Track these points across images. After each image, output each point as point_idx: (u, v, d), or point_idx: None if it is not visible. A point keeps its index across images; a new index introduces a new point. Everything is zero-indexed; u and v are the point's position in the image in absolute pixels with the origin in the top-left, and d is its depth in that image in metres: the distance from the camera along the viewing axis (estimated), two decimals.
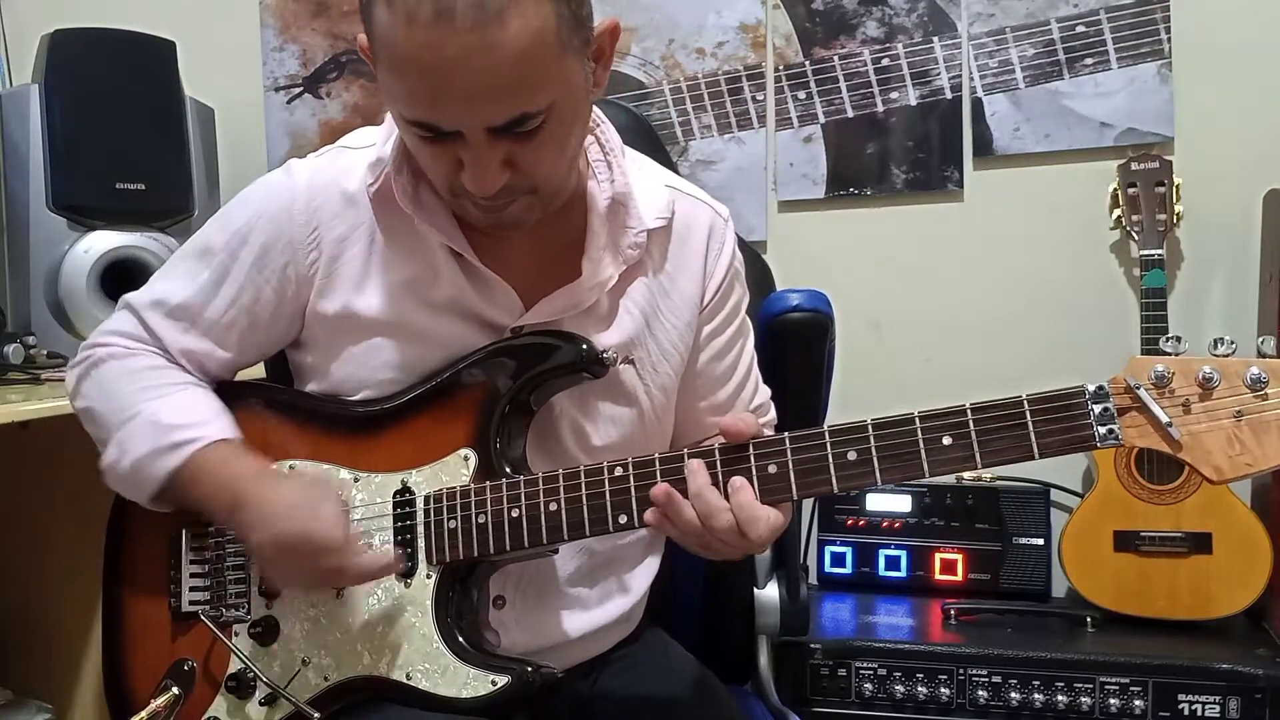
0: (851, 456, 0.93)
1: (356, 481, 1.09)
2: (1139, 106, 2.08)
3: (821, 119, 2.24)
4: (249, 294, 1.11)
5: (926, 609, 2.01)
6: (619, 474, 0.99)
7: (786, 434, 0.96)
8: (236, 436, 1.11)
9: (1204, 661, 1.75)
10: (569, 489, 1.01)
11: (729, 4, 2.25)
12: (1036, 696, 1.79)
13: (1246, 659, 1.76)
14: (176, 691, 1.10)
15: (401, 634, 1.04)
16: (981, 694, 1.80)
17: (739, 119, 2.27)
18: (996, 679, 1.80)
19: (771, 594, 1.42)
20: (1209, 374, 0.86)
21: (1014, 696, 1.79)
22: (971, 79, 2.16)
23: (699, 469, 0.96)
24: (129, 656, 1.17)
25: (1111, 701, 1.76)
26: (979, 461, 0.90)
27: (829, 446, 0.94)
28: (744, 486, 0.95)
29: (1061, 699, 1.78)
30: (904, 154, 2.21)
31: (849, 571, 2.11)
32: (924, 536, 2.08)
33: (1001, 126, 2.15)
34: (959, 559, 2.06)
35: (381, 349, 1.10)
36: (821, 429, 0.95)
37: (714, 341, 1.18)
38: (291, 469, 1.12)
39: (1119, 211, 2.02)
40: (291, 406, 1.15)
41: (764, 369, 1.25)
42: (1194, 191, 2.01)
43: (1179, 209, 1.99)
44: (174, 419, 1.09)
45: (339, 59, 2.46)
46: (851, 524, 2.12)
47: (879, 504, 2.11)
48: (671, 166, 1.27)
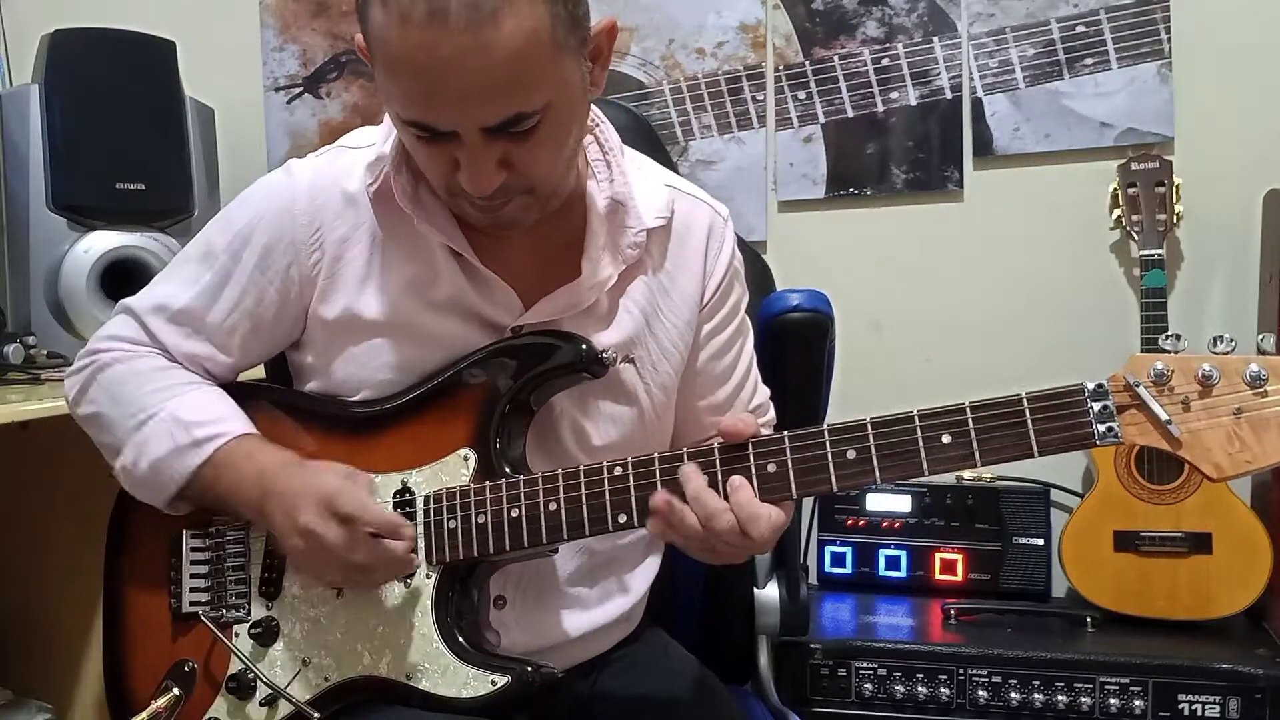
0: (851, 455, 0.93)
1: None
2: (1139, 106, 2.08)
3: (821, 119, 2.24)
4: (252, 296, 1.11)
5: (926, 609, 2.01)
6: (618, 473, 0.99)
7: (786, 433, 0.96)
8: (256, 431, 1.11)
9: (1204, 661, 1.75)
10: (568, 489, 1.01)
11: (729, 4, 2.25)
12: (1036, 696, 1.79)
13: (1246, 659, 1.76)
14: (177, 692, 1.10)
15: (401, 634, 1.04)
16: (981, 694, 1.80)
17: (739, 119, 2.27)
18: (996, 679, 1.80)
19: (771, 594, 1.42)
20: (1208, 371, 0.85)
21: (1014, 696, 1.79)
22: (971, 79, 2.16)
23: (694, 473, 0.96)
24: (130, 657, 1.17)
25: (1111, 701, 1.76)
26: (978, 460, 0.90)
27: (828, 445, 0.94)
28: (743, 485, 0.95)
29: (1061, 699, 1.78)
30: (904, 154, 2.21)
31: (849, 571, 2.11)
32: (924, 536, 2.08)
33: (1001, 126, 2.15)
34: (959, 559, 2.06)
35: (382, 349, 1.10)
36: (821, 428, 0.94)
37: (713, 340, 1.18)
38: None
39: (1119, 211, 2.02)
40: (291, 407, 1.15)
41: (764, 369, 1.25)
42: (1194, 191, 2.01)
43: (1179, 209, 1.99)
44: (194, 416, 1.09)
45: (339, 59, 2.46)
46: (851, 524, 2.12)
47: (879, 504, 2.11)
48: (671, 166, 1.27)
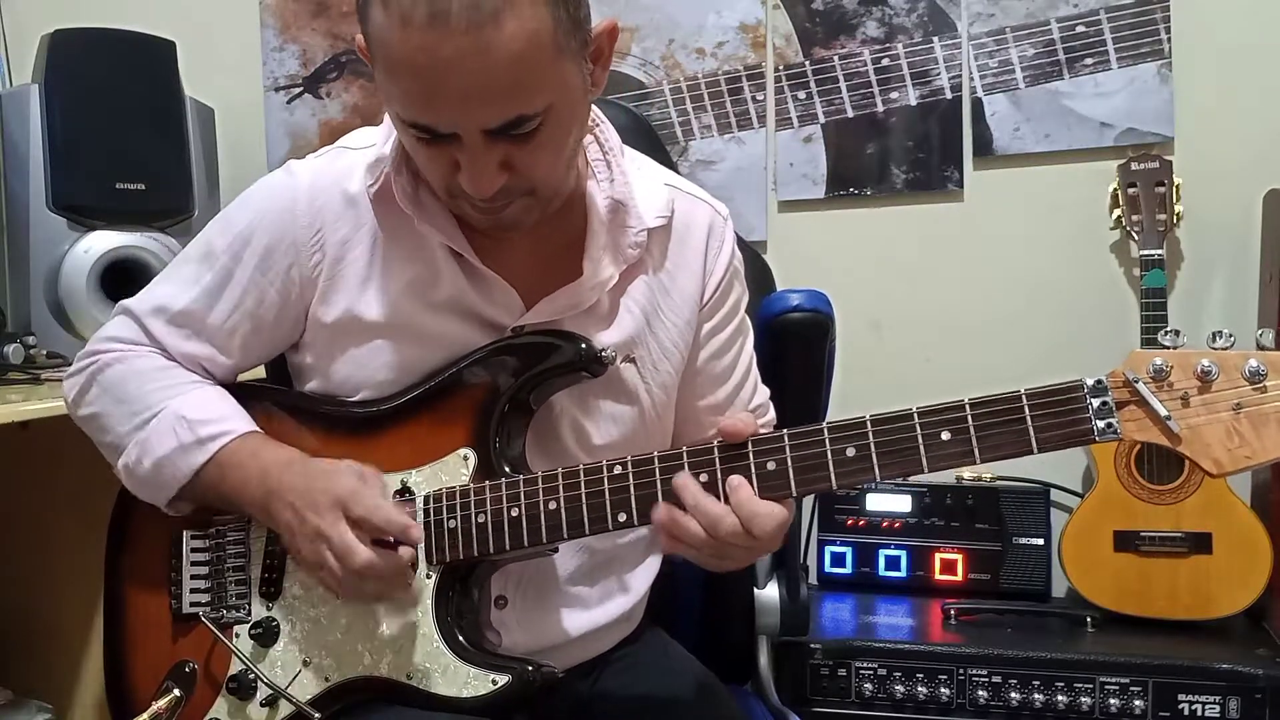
0: (850, 453, 0.93)
1: None
2: (1139, 106, 2.08)
3: (821, 119, 2.24)
4: (252, 297, 1.11)
5: (926, 609, 2.01)
6: (618, 473, 0.99)
7: (785, 431, 0.96)
8: (259, 429, 1.11)
9: (1204, 661, 1.75)
10: (568, 488, 1.01)
11: (729, 4, 2.25)
12: (1036, 696, 1.78)
13: (1246, 659, 1.76)
14: (178, 693, 1.10)
15: (402, 634, 1.04)
16: (981, 694, 1.80)
17: (739, 119, 2.27)
18: (996, 679, 1.80)
19: (771, 594, 1.42)
20: (1207, 367, 0.85)
21: (1014, 696, 1.79)
22: (971, 79, 2.16)
23: (687, 483, 0.96)
24: (130, 657, 1.17)
25: (1111, 701, 1.76)
26: (978, 456, 0.90)
27: (828, 443, 0.94)
28: (741, 484, 0.95)
29: (1061, 699, 1.78)
30: (904, 154, 2.21)
31: (849, 571, 2.11)
32: (924, 536, 2.08)
33: (1001, 126, 2.15)
34: (959, 559, 2.06)
35: (383, 350, 1.10)
36: (820, 425, 0.94)
37: (713, 339, 1.18)
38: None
39: (1119, 211, 2.02)
40: (291, 407, 1.15)
41: (764, 369, 1.25)
42: (1194, 191, 2.01)
43: (1179, 209, 1.99)
44: (198, 415, 1.09)
45: (339, 59, 2.46)
46: (851, 524, 2.12)
47: (879, 504, 2.11)
48: (671, 166, 1.27)
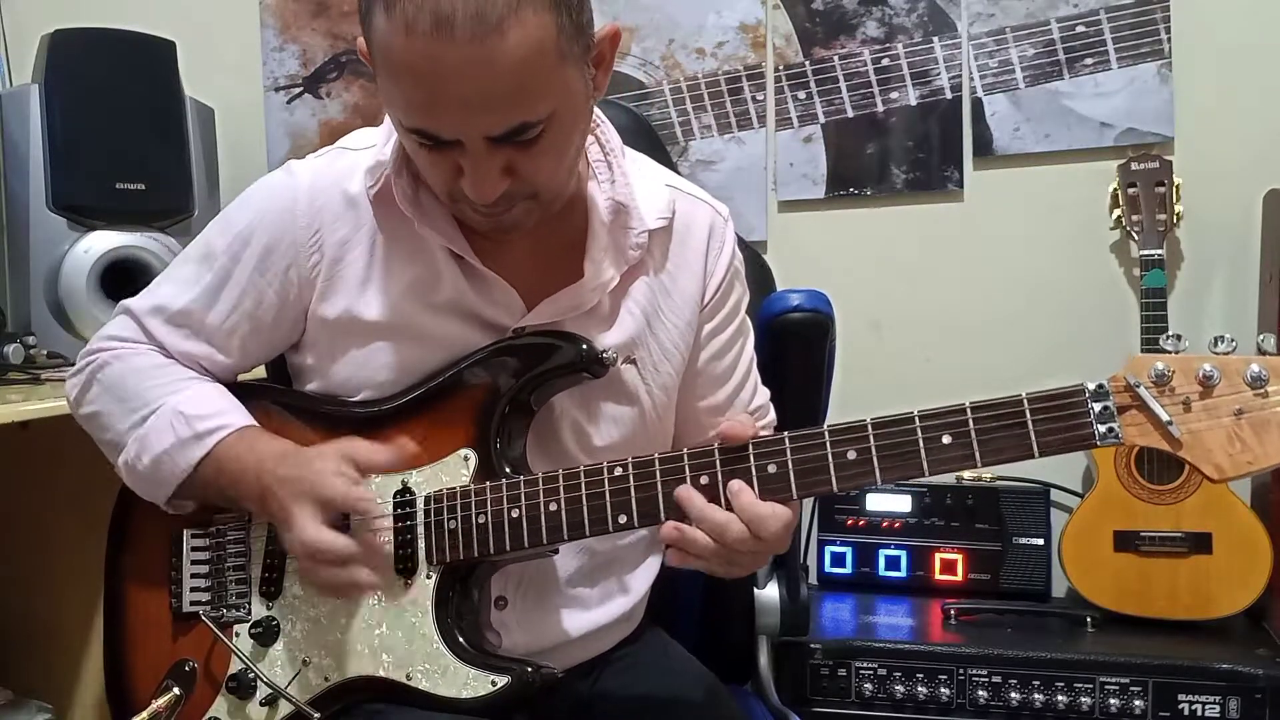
0: (851, 456, 0.93)
1: None
2: (1139, 106, 2.08)
3: (821, 119, 2.24)
4: (251, 297, 1.11)
5: (926, 609, 2.01)
6: (619, 474, 0.99)
7: (786, 433, 0.96)
8: (257, 424, 1.11)
9: (1204, 661, 1.75)
10: (569, 489, 1.01)
11: (729, 4, 2.25)
12: (1036, 696, 1.79)
13: (1246, 659, 1.76)
14: (177, 692, 1.10)
15: (402, 634, 1.04)
16: (981, 694, 1.80)
17: (739, 119, 2.27)
18: (996, 679, 1.80)
19: (771, 594, 1.42)
20: (1209, 372, 0.85)
21: (1014, 696, 1.79)
22: (971, 79, 2.16)
23: (690, 494, 0.96)
24: (130, 656, 1.17)
25: (1111, 701, 1.76)
26: (979, 460, 0.90)
27: (829, 446, 0.94)
28: (742, 489, 0.95)
29: (1061, 699, 1.78)
30: (904, 154, 2.21)
31: (849, 571, 2.11)
32: (924, 536, 2.08)
33: (1001, 126, 2.15)
34: (959, 559, 2.06)
35: (383, 351, 1.10)
36: (821, 428, 0.94)
37: (714, 340, 1.18)
38: None
39: (1119, 211, 2.02)
40: (292, 407, 1.15)
41: (764, 369, 1.25)
42: (1194, 191, 2.01)
43: (1179, 209, 1.99)
44: (196, 410, 1.09)
45: (339, 59, 2.46)
46: (851, 524, 2.12)
47: (879, 504, 2.11)
48: (671, 166, 1.27)
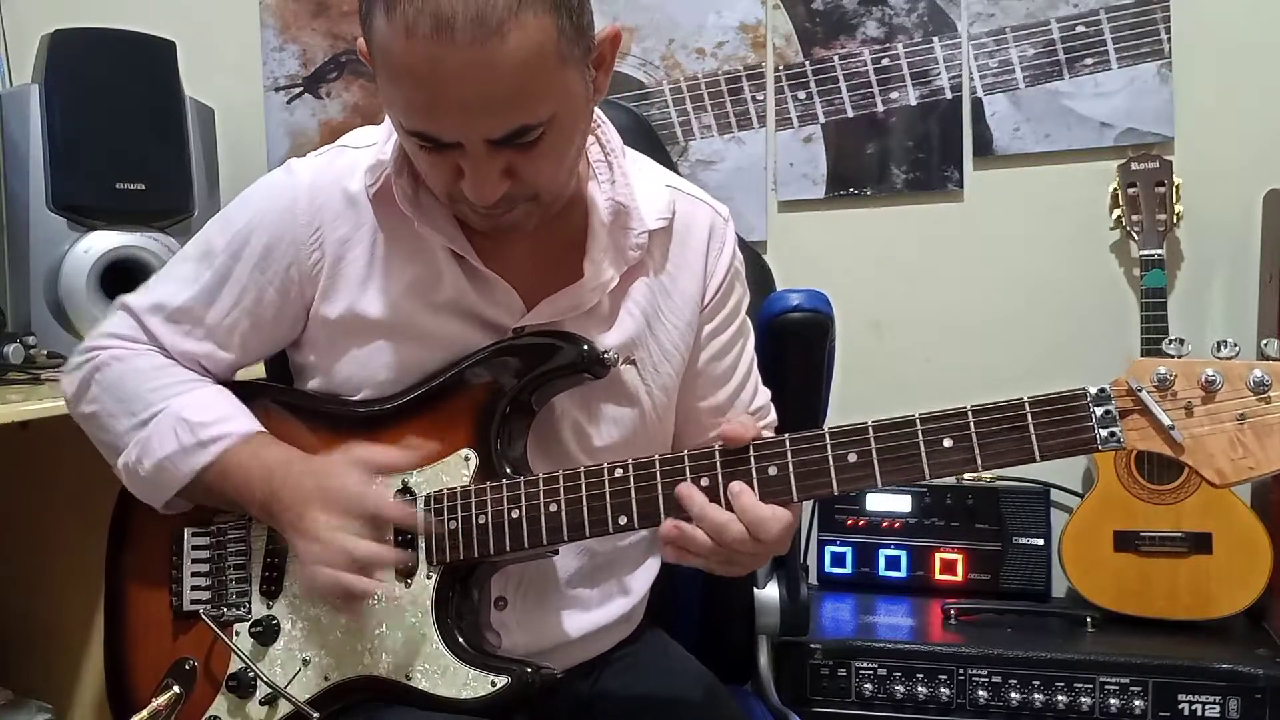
0: (852, 458, 0.93)
1: None
2: (1139, 106, 2.08)
3: (821, 119, 2.24)
4: (251, 295, 1.11)
5: (926, 609, 2.01)
6: (619, 475, 0.99)
7: (787, 436, 0.96)
8: (262, 429, 1.11)
9: (1204, 661, 1.75)
10: (569, 490, 1.01)
11: (729, 4, 2.25)
12: (1036, 696, 1.79)
13: (1246, 659, 1.76)
14: (177, 690, 1.10)
15: (402, 634, 1.04)
16: (981, 694, 1.80)
17: (739, 119, 2.27)
18: (996, 679, 1.80)
19: (771, 594, 1.42)
20: (1211, 376, 0.85)
21: (1014, 696, 1.79)
22: (971, 79, 2.16)
23: (691, 492, 0.96)
24: (131, 655, 1.17)
25: (1111, 701, 1.76)
26: (980, 464, 0.90)
27: (829, 448, 0.94)
28: (743, 490, 0.95)
29: (1061, 699, 1.78)
30: (904, 154, 2.21)
31: (849, 571, 2.11)
32: (924, 536, 2.08)
33: (1001, 126, 2.15)
34: (959, 559, 2.06)
35: (384, 350, 1.10)
36: (822, 430, 0.94)
37: (714, 341, 1.18)
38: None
39: (1119, 211, 2.02)
40: (292, 406, 1.15)
41: (764, 369, 1.25)
42: (1194, 191, 2.01)
43: (1179, 209, 1.99)
44: (199, 416, 1.09)
45: (339, 59, 2.46)
46: (851, 524, 2.12)
47: (879, 504, 2.11)
48: (671, 166, 1.27)
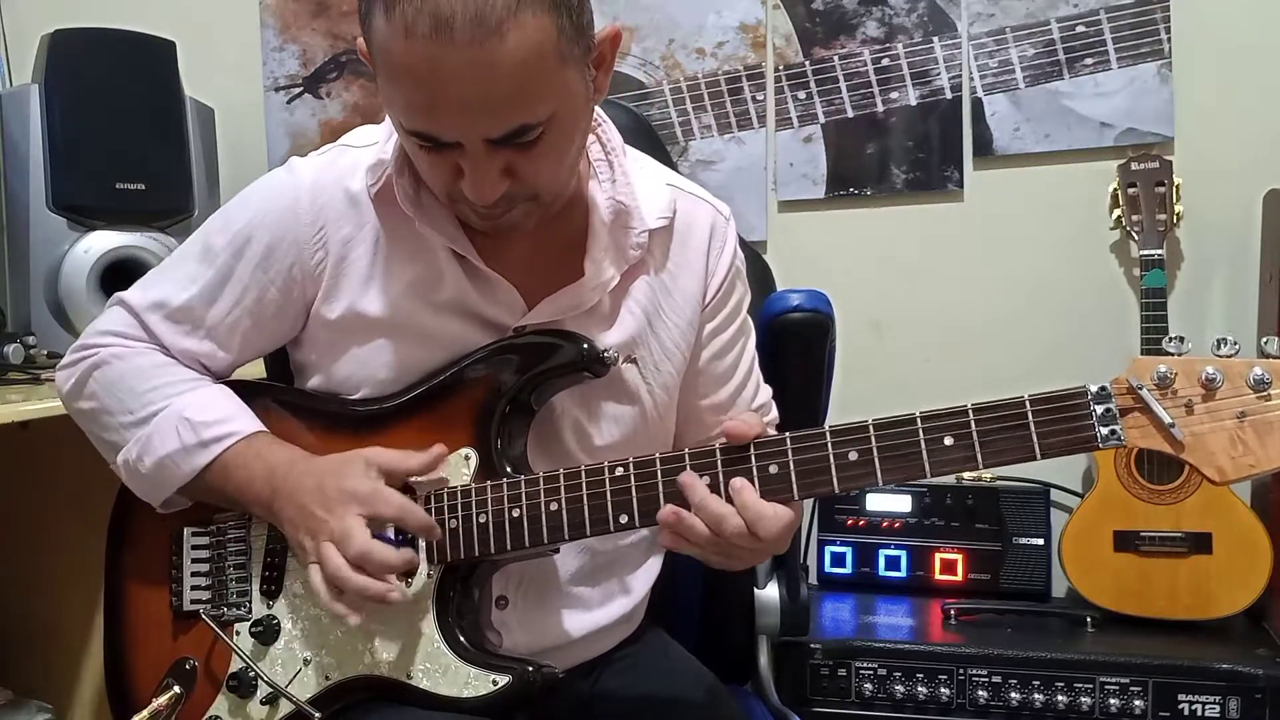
0: (853, 457, 0.93)
1: None
2: (1139, 106, 2.08)
3: (821, 119, 2.24)
4: (253, 295, 1.11)
5: (926, 609, 2.01)
6: (620, 474, 0.99)
7: (788, 434, 0.96)
8: (264, 429, 1.11)
9: (1204, 661, 1.75)
10: (570, 489, 1.01)
11: (729, 4, 2.25)
12: (1036, 696, 1.79)
13: (1246, 659, 1.76)
14: (178, 690, 1.10)
15: (402, 633, 1.04)
16: (981, 694, 1.80)
17: (739, 119, 2.27)
18: (996, 679, 1.80)
19: (771, 594, 1.42)
20: (1212, 375, 0.85)
21: (1014, 696, 1.79)
22: (971, 79, 2.16)
23: (694, 482, 0.96)
24: (131, 655, 1.17)
25: (1111, 701, 1.76)
26: (980, 462, 0.90)
27: (830, 446, 0.94)
28: (744, 486, 0.95)
29: (1061, 699, 1.78)
30: (904, 154, 2.21)
31: (849, 571, 2.11)
32: (924, 536, 2.08)
33: (1001, 126, 2.15)
34: (959, 559, 2.06)
35: (384, 349, 1.10)
36: (823, 429, 0.94)
37: (715, 340, 1.18)
38: None
39: (1119, 211, 2.02)
40: (292, 406, 1.15)
41: (764, 369, 1.25)
42: (1194, 191, 2.01)
43: (1179, 209, 1.99)
44: (202, 416, 1.08)
45: (339, 59, 2.46)
46: (851, 524, 2.12)
47: (879, 504, 2.11)
48: (672, 166, 1.27)
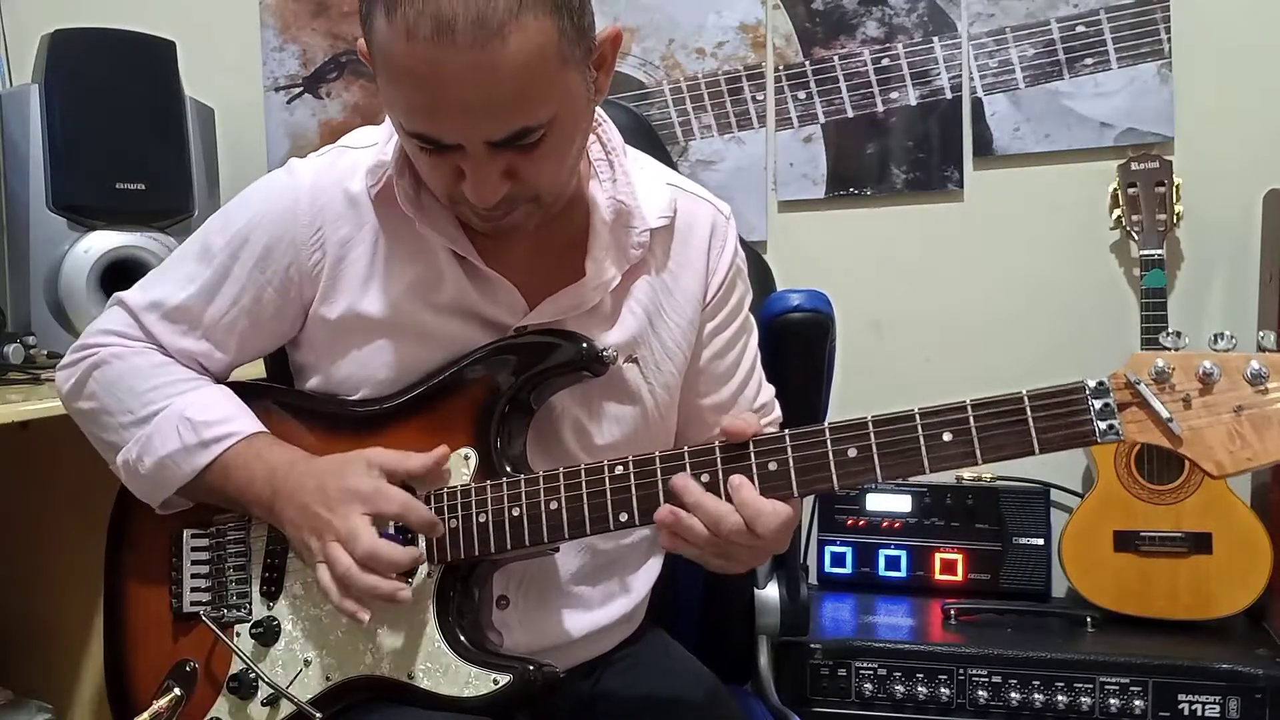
0: (852, 453, 0.93)
1: None
2: (1139, 106, 2.08)
3: (821, 119, 2.24)
4: (250, 295, 1.11)
5: (926, 609, 2.01)
6: (619, 472, 0.99)
7: (787, 431, 0.96)
8: (265, 430, 1.11)
9: (1204, 661, 1.75)
10: (569, 487, 1.01)
11: (729, 4, 2.25)
12: (1036, 696, 1.79)
13: (1246, 659, 1.76)
14: (178, 692, 1.10)
15: (403, 633, 1.04)
16: (981, 694, 1.80)
17: (739, 119, 2.27)
18: (996, 679, 1.80)
19: (771, 594, 1.42)
20: (1209, 369, 0.85)
21: (1014, 696, 1.79)
22: (971, 79, 2.16)
23: (688, 482, 0.96)
24: (131, 657, 1.17)
25: (1111, 701, 1.76)
26: (979, 457, 0.90)
27: (829, 443, 0.94)
28: (743, 484, 0.95)
29: (1061, 699, 1.78)
30: (904, 154, 2.21)
31: (849, 571, 2.11)
32: (924, 536, 2.08)
33: (1001, 126, 2.15)
34: (959, 559, 2.06)
35: (384, 350, 1.10)
36: (822, 426, 0.94)
37: (716, 339, 1.18)
38: None
39: (1119, 211, 2.02)
40: (292, 406, 1.15)
41: (765, 369, 1.25)
42: (1194, 191, 2.01)
43: (1179, 209, 1.99)
44: (203, 416, 1.08)
45: (339, 59, 2.46)
46: (851, 524, 2.12)
47: (879, 504, 2.11)
48: (671, 166, 1.27)
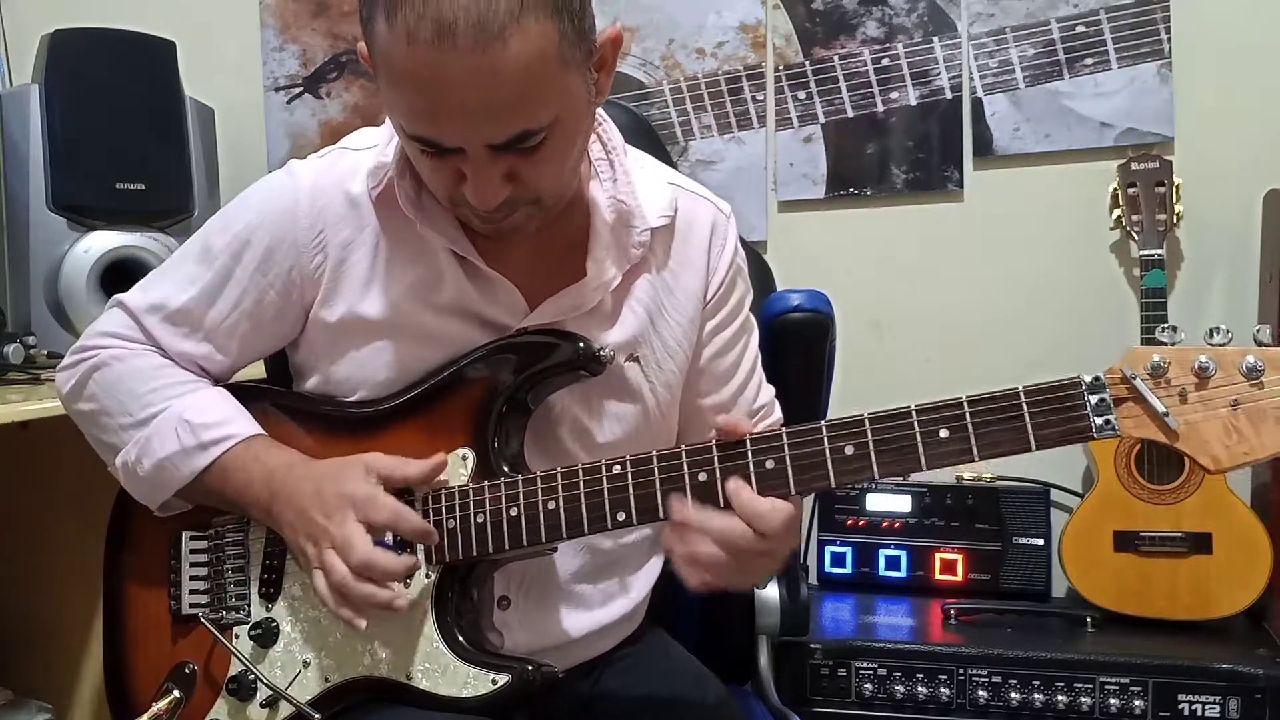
0: (849, 451, 0.93)
1: None
2: (1139, 106, 2.08)
3: (821, 119, 2.24)
4: (251, 297, 1.11)
5: (926, 609, 2.01)
6: (617, 472, 0.99)
7: (783, 429, 0.96)
8: (263, 432, 1.11)
9: (1204, 661, 1.75)
10: (567, 487, 1.01)
11: (729, 4, 2.25)
12: (1036, 696, 1.78)
13: (1246, 659, 1.76)
14: (178, 694, 1.10)
15: (401, 634, 1.04)
16: (981, 694, 1.80)
17: (739, 119, 2.27)
18: (996, 679, 1.80)
19: (771, 594, 1.42)
20: (1205, 363, 0.85)
21: (1014, 696, 1.79)
22: (971, 79, 2.16)
23: (681, 505, 0.95)
24: (130, 658, 1.17)
25: (1111, 701, 1.76)
26: (976, 454, 0.90)
27: (826, 441, 0.94)
28: (740, 487, 0.94)
29: (1061, 699, 1.78)
30: (904, 154, 2.21)
31: (849, 571, 2.11)
32: (924, 536, 2.08)
33: (1001, 126, 2.15)
34: (959, 559, 2.06)
35: (384, 351, 1.10)
36: (819, 424, 0.94)
37: (717, 338, 1.18)
38: None
39: (1119, 211, 2.02)
40: (290, 408, 1.15)
41: (765, 369, 1.25)
42: (1194, 191, 2.01)
43: (1179, 209, 1.99)
44: (201, 418, 1.08)
45: (339, 59, 2.46)
46: (851, 524, 2.12)
47: (879, 504, 2.11)
48: (671, 166, 1.27)
